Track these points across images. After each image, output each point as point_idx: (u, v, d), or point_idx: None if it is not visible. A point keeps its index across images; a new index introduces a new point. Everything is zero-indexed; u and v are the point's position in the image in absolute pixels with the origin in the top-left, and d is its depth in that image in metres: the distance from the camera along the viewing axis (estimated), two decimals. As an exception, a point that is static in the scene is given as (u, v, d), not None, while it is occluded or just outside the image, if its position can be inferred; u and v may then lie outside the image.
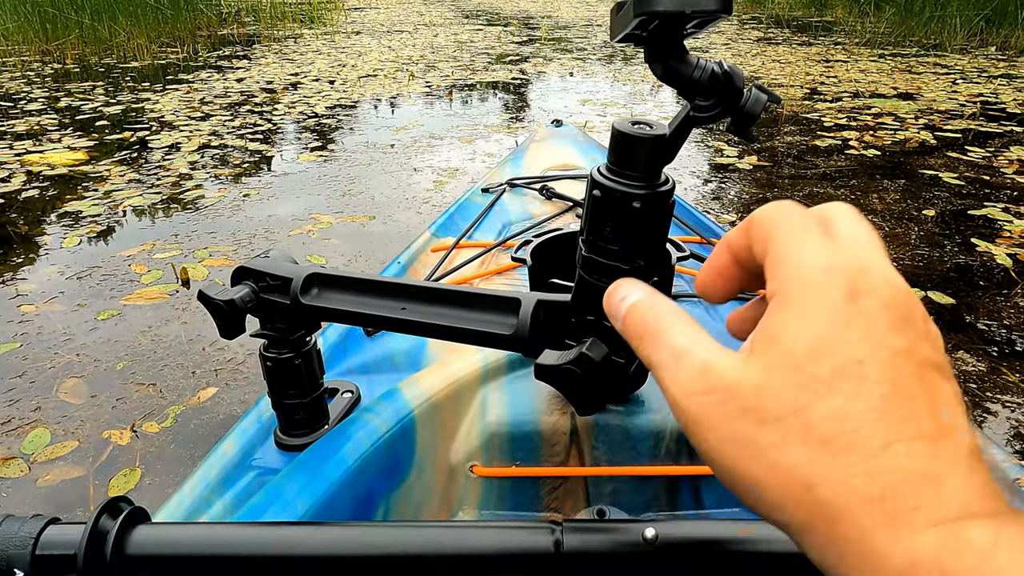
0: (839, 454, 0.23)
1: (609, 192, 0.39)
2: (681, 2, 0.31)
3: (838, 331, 0.25)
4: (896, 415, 0.24)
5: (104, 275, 2.17)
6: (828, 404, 0.24)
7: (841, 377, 0.24)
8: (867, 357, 0.24)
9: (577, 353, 0.42)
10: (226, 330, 0.57)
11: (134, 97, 4.63)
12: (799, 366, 0.24)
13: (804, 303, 0.25)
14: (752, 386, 0.25)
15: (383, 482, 0.60)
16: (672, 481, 0.66)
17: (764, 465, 0.24)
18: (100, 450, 1.41)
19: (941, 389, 0.25)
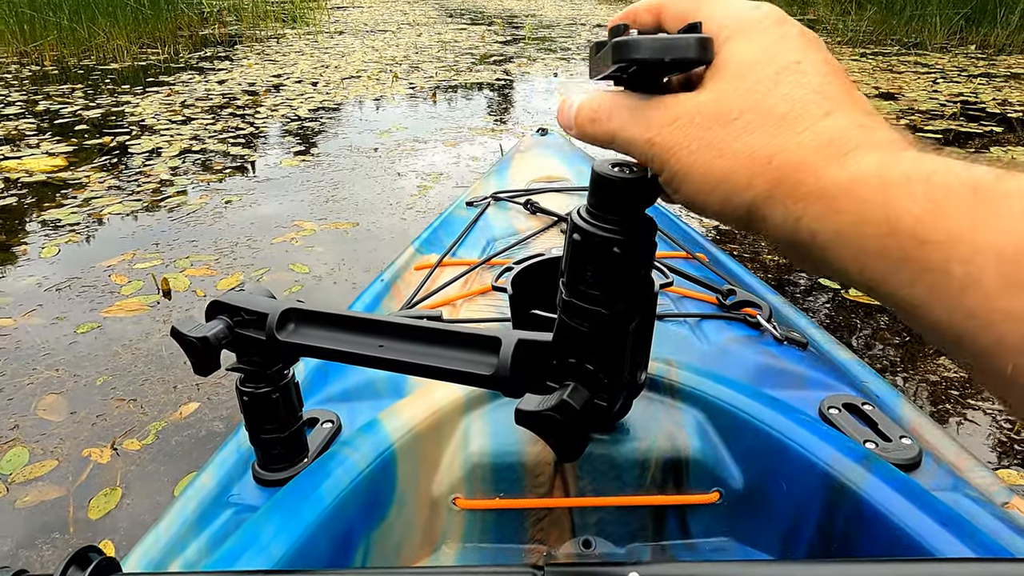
0: (791, 124, 0.29)
1: (589, 237, 0.38)
2: (660, 50, 0.31)
3: (775, 44, 0.30)
4: (833, 94, 0.29)
5: (84, 286, 2.15)
6: (777, 92, 0.29)
7: (784, 73, 0.30)
8: (802, 58, 0.30)
9: (558, 400, 0.42)
10: (200, 367, 0.56)
11: (114, 100, 4.58)
12: (747, 74, 0.30)
13: (743, 32, 0.31)
14: (711, 101, 0.30)
15: (363, 520, 0.59)
16: (658, 510, 0.66)
17: (730, 156, 0.29)
18: (80, 469, 1.39)
19: (858, 92, 0.31)
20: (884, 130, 0.29)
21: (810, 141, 0.28)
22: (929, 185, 0.25)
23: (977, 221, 0.23)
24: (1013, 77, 5.32)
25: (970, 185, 0.24)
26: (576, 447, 0.44)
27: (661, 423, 0.66)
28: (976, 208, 0.23)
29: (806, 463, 0.59)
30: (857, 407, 0.72)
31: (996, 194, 0.23)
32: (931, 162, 0.26)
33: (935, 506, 0.53)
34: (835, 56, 0.32)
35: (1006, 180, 0.23)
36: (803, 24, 0.32)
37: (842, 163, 0.27)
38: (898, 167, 0.26)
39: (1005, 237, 0.22)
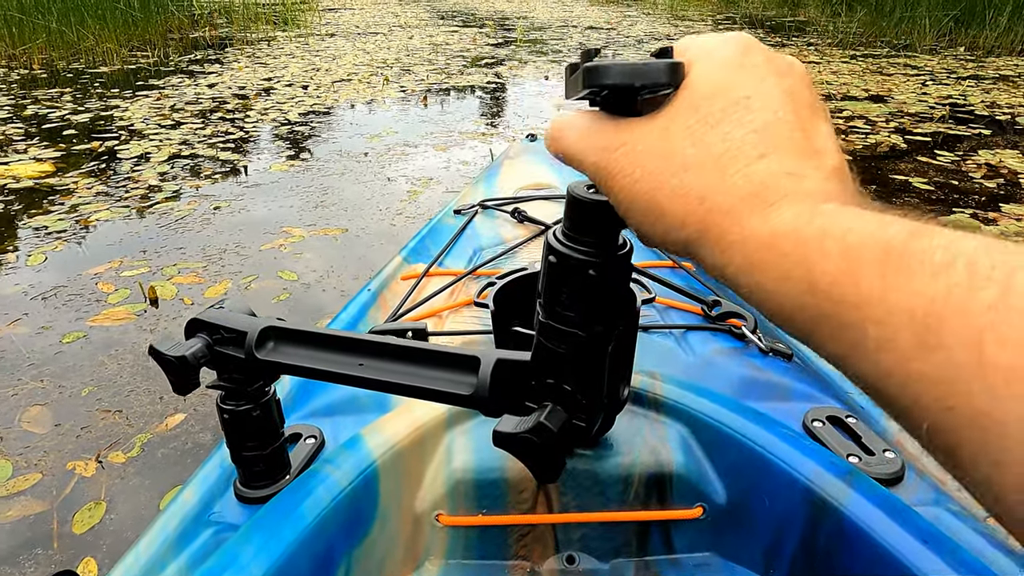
0: (725, 167, 0.28)
1: (565, 259, 0.38)
2: (630, 75, 0.31)
3: (732, 76, 0.30)
4: (773, 134, 0.29)
5: (70, 294, 2.13)
6: (719, 130, 0.29)
7: (731, 109, 0.29)
8: (753, 93, 0.30)
9: (535, 422, 0.42)
10: (178, 386, 0.56)
11: (103, 104, 4.55)
12: (698, 107, 0.30)
13: (706, 61, 0.30)
14: (659, 132, 0.30)
15: (344, 538, 0.59)
16: (642, 526, 0.66)
17: (667, 192, 0.29)
18: (64, 483, 1.38)
19: (818, 124, 0.30)
20: (814, 178, 0.28)
21: (740, 187, 0.28)
22: (844, 244, 0.25)
23: (888, 282, 0.23)
24: (1001, 79, 5.35)
25: (882, 245, 0.24)
26: (554, 469, 0.44)
27: (645, 438, 0.66)
28: (887, 269, 0.23)
29: (789, 479, 0.59)
30: (841, 420, 0.72)
31: (907, 254, 0.23)
32: (848, 218, 0.25)
33: (916, 523, 0.53)
34: (825, 58, 0.31)
35: (917, 240, 0.23)
36: (794, 26, 0.32)
37: (765, 215, 0.27)
38: (814, 223, 0.26)
39: (915, 299, 0.22)
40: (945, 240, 0.23)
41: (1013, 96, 4.73)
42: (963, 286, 0.21)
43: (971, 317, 0.21)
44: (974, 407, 0.21)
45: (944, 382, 0.21)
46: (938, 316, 0.22)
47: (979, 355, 0.21)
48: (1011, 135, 3.83)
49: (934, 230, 0.24)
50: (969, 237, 0.23)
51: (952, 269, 0.22)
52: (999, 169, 3.23)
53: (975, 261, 0.22)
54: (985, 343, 0.20)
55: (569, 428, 0.44)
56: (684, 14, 10.36)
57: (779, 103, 0.30)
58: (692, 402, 0.67)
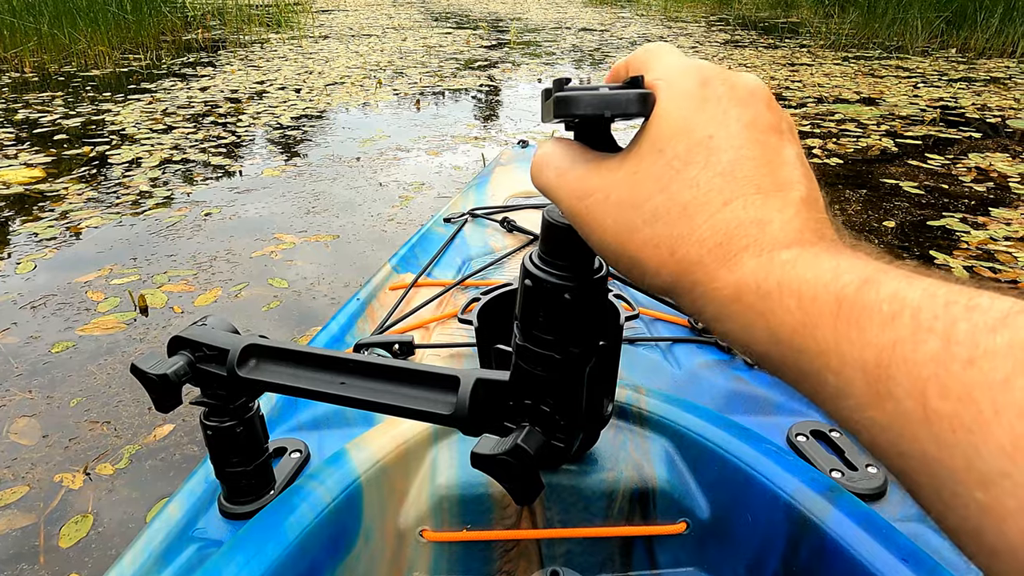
0: (692, 216, 0.29)
1: (540, 283, 0.38)
2: (600, 106, 0.31)
3: (694, 114, 0.30)
4: (738, 177, 0.29)
5: (59, 303, 2.12)
6: (685, 176, 0.29)
7: (695, 151, 0.29)
8: (716, 131, 0.29)
9: (513, 444, 0.42)
10: (161, 403, 0.56)
11: (94, 108, 4.53)
12: (662, 151, 0.29)
13: (669, 96, 0.30)
14: (625, 179, 0.30)
15: (328, 555, 0.59)
16: (626, 541, 0.66)
17: (639, 242, 0.30)
18: (52, 495, 1.37)
19: (783, 153, 0.30)
20: (778, 221, 0.28)
21: (707, 238, 0.28)
22: (799, 297, 0.25)
23: (841, 334, 0.24)
24: (992, 81, 5.38)
25: (835, 296, 0.25)
26: (532, 490, 0.44)
27: (629, 453, 0.66)
28: (840, 321, 0.24)
29: (771, 495, 0.59)
30: (825, 434, 0.72)
31: (857, 306, 0.24)
32: (804, 268, 0.26)
33: (897, 541, 0.53)
34: (817, 60, 0.31)
35: (867, 291, 0.24)
36: (787, 27, 0.31)
37: (731, 267, 0.28)
38: (773, 276, 0.27)
39: (866, 350, 0.23)
40: (892, 290, 0.24)
41: (1004, 99, 4.75)
42: (908, 339, 0.22)
43: (916, 368, 0.22)
44: (923, 453, 0.22)
45: (895, 430, 0.22)
46: (887, 367, 0.22)
47: (924, 405, 0.21)
48: (1001, 138, 3.85)
49: (883, 279, 0.24)
50: (916, 284, 0.24)
51: (898, 321, 0.23)
52: (989, 172, 3.25)
53: (919, 312, 0.22)
54: (929, 394, 0.21)
55: (547, 449, 0.44)
56: (677, 15, 10.37)
57: (742, 139, 0.29)
58: (677, 417, 0.67)
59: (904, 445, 0.22)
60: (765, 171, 0.29)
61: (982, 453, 0.20)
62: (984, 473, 0.20)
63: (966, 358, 0.21)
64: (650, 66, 0.32)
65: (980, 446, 0.20)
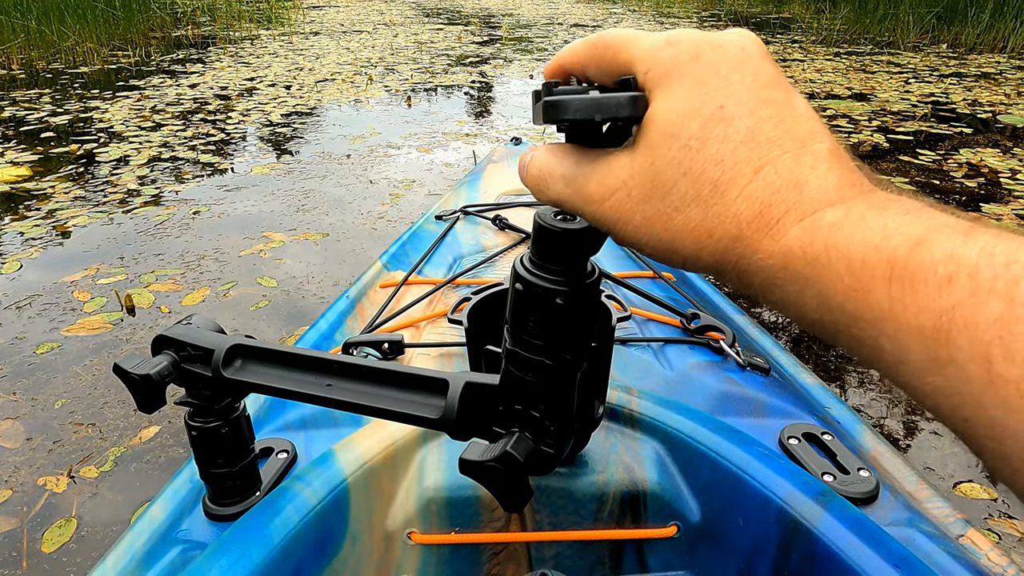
0: (724, 192, 0.27)
1: (531, 287, 0.38)
2: (590, 110, 0.30)
3: (696, 90, 0.28)
4: (761, 141, 0.28)
5: (45, 304, 2.10)
6: (706, 153, 0.28)
7: (710, 126, 0.28)
8: (725, 100, 0.28)
9: (501, 450, 0.41)
10: (144, 404, 0.55)
11: (82, 106, 4.50)
12: (674, 135, 0.28)
13: (664, 81, 0.29)
14: (643, 171, 0.29)
15: (314, 558, 0.58)
16: (616, 544, 0.66)
17: (673, 229, 0.29)
18: (35, 499, 1.36)
19: (795, 105, 0.29)
20: (813, 180, 0.27)
21: (744, 211, 0.27)
22: (849, 261, 0.25)
23: (895, 299, 0.23)
24: (983, 77, 5.39)
25: (887, 259, 0.24)
26: (520, 497, 0.43)
27: (620, 455, 0.66)
28: (893, 285, 0.23)
29: (763, 499, 0.59)
30: (817, 437, 0.72)
31: (910, 269, 0.23)
32: (851, 229, 0.25)
33: (888, 545, 0.53)
34: (809, 56, 0.30)
35: (920, 252, 0.23)
36: (779, 23, 0.30)
37: (774, 235, 0.27)
38: (819, 239, 0.26)
39: (923, 315, 0.22)
40: (947, 250, 0.23)
41: (994, 94, 4.77)
42: (967, 301, 0.21)
43: (978, 332, 0.21)
44: (989, 419, 0.21)
45: (958, 395, 0.22)
46: (946, 332, 0.22)
47: (988, 369, 0.21)
48: (992, 133, 3.86)
49: (936, 239, 0.23)
50: (971, 243, 0.22)
51: (955, 283, 0.22)
52: (980, 168, 3.25)
53: (977, 272, 0.22)
54: (993, 358, 0.21)
55: (537, 456, 0.43)
56: (669, 11, 10.37)
57: (753, 101, 0.28)
58: (668, 419, 0.67)
59: (968, 411, 0.22)
60: (785, 128, 0.28)
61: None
62: None
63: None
64: (628, 57, 0.31)
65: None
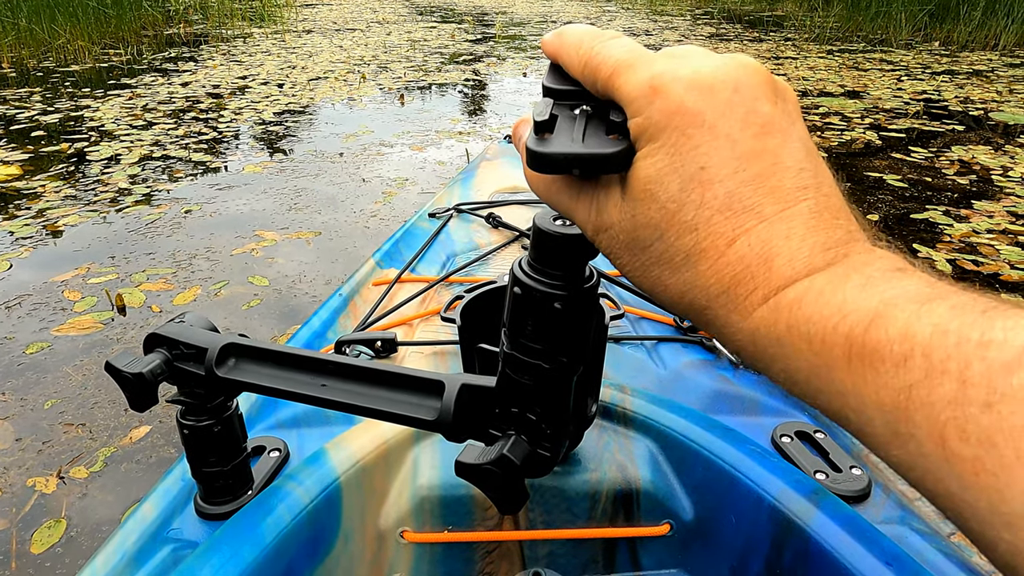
0: (696, 263, 0.28)
1: (529, 291, 0.37)
2: (572, 164, 0.30)
3: (677, 146, 0.27)
4: (738, 209, 0.27)
5: (35, 303, 2.08)
6: (680, 220, 0.27)
7: (689, 188, 0.27)
8: (707, 161, 0.27)
9: (498, 453, 0.41)
10: (136, 402, 0.54)
11: (73, 104, 4.47)
12: (654, 194, 0.28)
13: (647, 135, 0.28)
14: (627, 223, 0.29)
15: (306, 557, 0.58)
16: (609, 543, 0.66)
17: (650, 282, 0.30)
18: (24, 500, 1.35)
19: (784, 157, 0.27)
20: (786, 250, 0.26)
21: (712, 285, 0.28)
22: (810, 340, 0.25)
23: (856, 375, 0.24)
24: (975, 74, 5.41)
25: (844, 337, 0.24)
26: (516, 500, 0.43)
27: (613, 454, 0.66)
28: (853, 363, 0.24)
29: (756, 497, 0.59)
30: (810, 435, 0.72)
31: (868, 347, 0.23)
32: (809, 308, 0.25)
33: (880, 543, 0.53)
34: (802, 53, 0.29)
35: (875, 330, 0.23)
36: (772, 21, 0.30)
37: (742, 312, 0.27)
38: (781, 320, 0.26)
39: (883, 392, 0.23)
40: (901, 328, 0.23)
41: (986, 91, 4.78)
42: (922, 382, 0.22)
43: (933, 411, 0.21)
44: (949, 493, 0.22)
45: (919, 468, 0.23)
46: (904, 409, 0.22)
47: (944, 447, 0.21)
48: (984, 130, 3.87)
49: (891, 315, 0.23)
50: (926, 317, 0.23)
51: (911, 362, 0.22)
52: (972, 165, 3.26)
53: (931, 352, 0.22)
54: (948, 437, 0.21)
55: (533, 459, 0.43)
56: (663, 9, 10.38)
57: (736, 159, 0.27)
58: (661, 417, 0.67)
59: (929, 484, 0.22)
60: (767, 191, 0.27)
61: (1006, 497, 0.20)
62: (1009, 516, 0.20)
63: (983, 401, 0.20)
64: (617, 97, 0.29)
65: (1004, 490, 0.20)
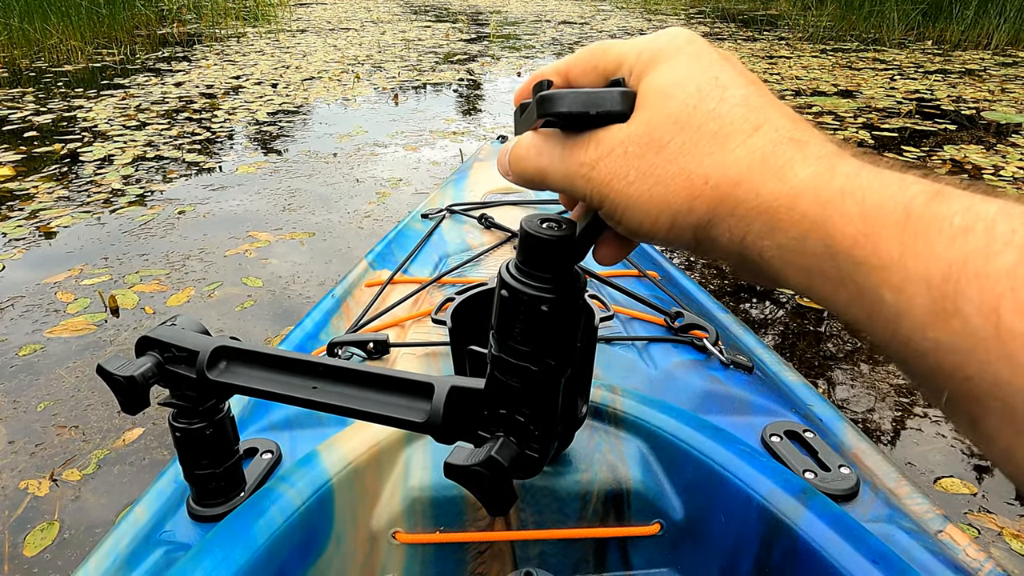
0: (724, 142, 0.28)
1: (517, 294, 0.38)
2: (585, 103, 0.31)
3: (690, 64, 0.30)
4: (757, 104, 0.29)
5: (28, 305, 2.08)
6: (704, 109, 0.29)
7: (707, 90, 0.29)
8: (720, 73, 0.30)
9: (486, 455, 0.42)
10: (127, 405, 0.54)
11: (66, 105, 4.45)
12: (672, 95, 0.29)
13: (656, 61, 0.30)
14: (642, 128, 0.29)
15: (298, 559, 0.58)
16: (600, 542, 0.66)
17: (668, 181, 0.29)
18: (16, 503, 1.34)
19: (777, 100, 0.30)
20: (816, 141, 0.28)
21: (744, 158, 0.28)
22: (864, 206, 0.24)
23: (907, 246, 0.23)
24: (967, 73, 5.43)
25: (903, 207, 0.23)
26: (504, 501, 0.44)
27: (604, 454, 0.66)
28: (906, 232, 0.23)
29: (745, 496, 0.59)
30: (799, 434, 0.72)
31: (927, 218, 0.22)
32: (868, 178, 0.25)
33: (868, 542, 0.53)
34: (796, 53, 0.31)
35: (937, 203, 0.23)
36: (766, 20, 0.31)
37: (781, 176, 0.27)
38: (834, 183, 0.25)
39: (933, 264, 0.22)
40: (965, 204, 0.22)
41: (978, 91, 4.80)
42: (981, 251, 0.21)
43: (988, 283, 0.20)
44: (994, 376, 0.20)
45: (962, 351, 0.21)
46: (955, 282, 0.21)
47: (997, 322, 0.20)
48: (976, 130, 3.89)
49: (955, 193, 0.23)
50: (990, 201, 0.22)
51: (971, 234, 0.21)
52: (964, 164, 3.28)
53: (994, 225, 0.21)
54: (1003, 310, 0.20)
55: (521, 460, 0.43)
56: (657, 8, 10.39)
57: (744, 79, 0.30)
58: (651, 418, 0.67)
59: (972, 368, 0.21)
60: (775, 105, 0.29)
61: None
62: None
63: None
64: (620, 51, 0.32)
65: None
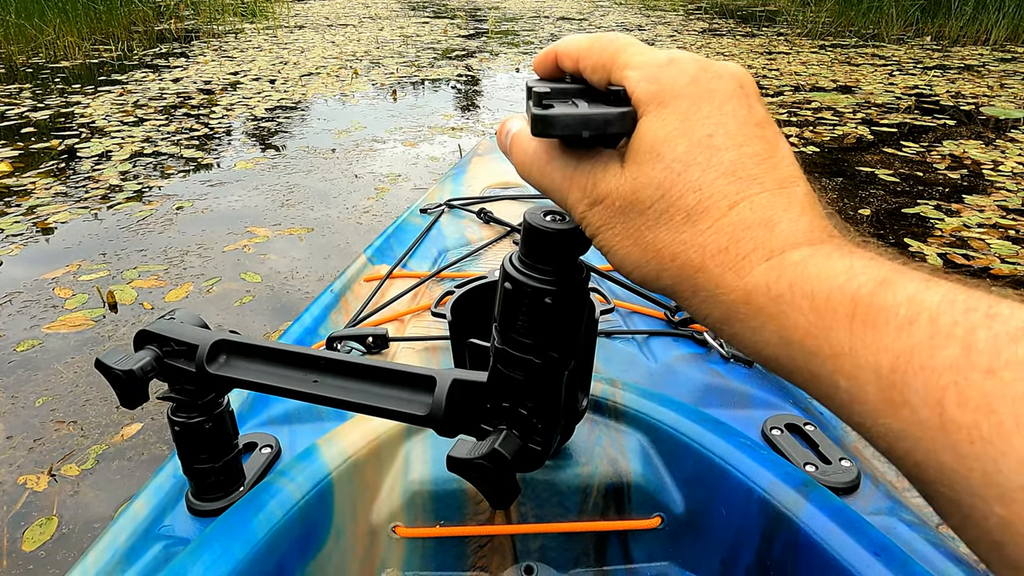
0: (695, 222, 0.28)
1: (520, 286, 0.37)
2: (579, 126, 0.30)
3: (689, 114, 0.29)
4: (742, 176, 0.28)
5: (26, 301, 2.07)
6: (686, 179, 0.28)
7: (695, 152, 0.28)
8: (714, 130, 0.28)
9: (489, 448, 0.42)
10: (126, 399, 0.54)
11: (63, 101, 4.44)
12: (660, 154, 0.28)
13: (658, 100, 0.29)
14: (629, 184, 0.29)
15: (297, 553, 0.58)
16: (600, 536, 0.66)
17: (643, 247, 0.29)
18: (15, 498, 1.34)
19: (780, 147, 0.29)
20: (786, 220, 0.28)
21: (711, 243, 0.28)
22: (813, 298, 0.25)
23: (856, 337, 0.23)
24: (966, 69, 5.43)
25: (851, 297, 0.24)
26: (508, 494, 0.43)
27: (604, 447, 0.66)
28: (855, 322, 0.24)
29: (746, 489, 0.59)
30: (799, 427, 0.72)
31: (873, 308, 0.23)
32: (818, 268, 0.25)
33: (869, 534, 0.53)
34: (795, 48, 0.30)
35: (883, 292, 0.23)
36: (765, 16, 0.30)
37: (738, 271, 0.27)
38: (784, 277, 0.26)
39: (882, 355, 0.23)
40: (911, 292, 0.23)
41: (977, 86, 4.80)
42: (925, 344, 0.22)
43: (933, 376, 0.21)
44: (939, 464, 0.21)
45: (910, 438, 0.22)
46: (902, 373, 0.22)
47: (941, 414, 0.21)
48: (975, 125, 3.89)
49: (900, 280, 0.24)
50: (936, 286, 0.23)
51: (915, 325, 0.22)
52: (963, 160, 3.28)
53: (938, 317, 0.22)
54: (947, 402, 0.21)
55: (524, 453, 0.43)
56: (655, 4, 10.37)
57: (742, 135, 0.29)
58: (652, 411, 0.67)
59: (920, 455, 0.22)
60: (767, 167, 0.28)
61: (1001, 467, 0.19)
62: (1004, 487, 0.19)
63: (986, 367, 0.20)
64: (626, 62, 0.31)
65: (999, 459, 0.19)
